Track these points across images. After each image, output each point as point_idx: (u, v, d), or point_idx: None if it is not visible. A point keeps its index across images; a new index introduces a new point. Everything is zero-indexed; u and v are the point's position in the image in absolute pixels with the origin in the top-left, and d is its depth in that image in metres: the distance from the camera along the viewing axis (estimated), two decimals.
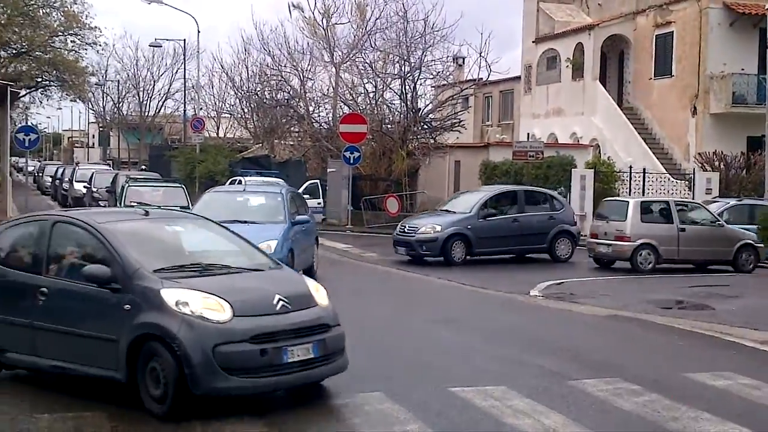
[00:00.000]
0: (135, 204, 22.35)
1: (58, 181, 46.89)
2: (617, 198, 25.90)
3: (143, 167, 42.94)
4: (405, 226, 22.90)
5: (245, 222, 15.91)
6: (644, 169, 30.98)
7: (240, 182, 31.54)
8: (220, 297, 8.11)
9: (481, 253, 22.61)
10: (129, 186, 23.90)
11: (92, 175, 36.80)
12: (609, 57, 39.78)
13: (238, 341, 7.94)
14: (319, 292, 8.97)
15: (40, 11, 54.82)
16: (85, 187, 36.37)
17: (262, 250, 9.89)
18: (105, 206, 30.79)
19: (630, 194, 30.45)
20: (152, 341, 7.98)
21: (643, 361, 11.24)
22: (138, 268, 8.30)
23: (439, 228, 21.77)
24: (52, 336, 8.73)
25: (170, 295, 8.07)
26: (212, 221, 10.43)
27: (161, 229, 9.66)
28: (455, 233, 21.99)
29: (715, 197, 27.82)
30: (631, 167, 31.15)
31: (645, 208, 22.24)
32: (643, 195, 29.91)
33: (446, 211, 23.70)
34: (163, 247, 9.26)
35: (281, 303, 8.40)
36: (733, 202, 25.67)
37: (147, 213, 9.82)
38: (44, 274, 8.97)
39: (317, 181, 34.95)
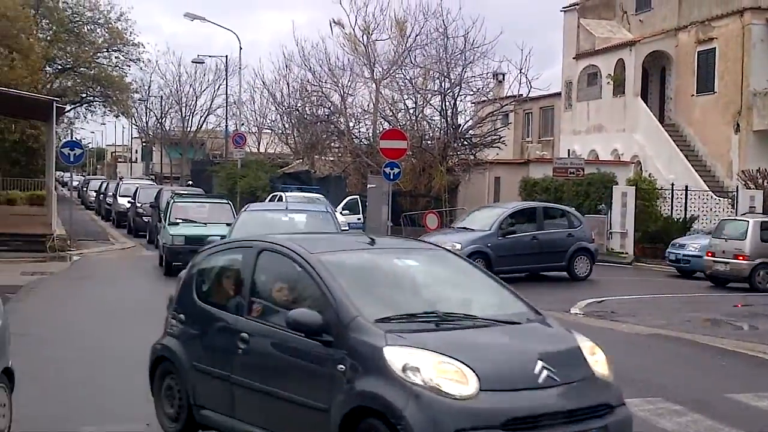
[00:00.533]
0: (180, 220, 21.93)
1: (102, 195, 47.45)
2: (736, 217, 25.34)
3: (189, 182, 43.09)
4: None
5: None
6: (686, 187, 30.74)
7: (281, 198, 31.82)
8: (462, 362, 6.07)
9: (501, 271, 22.34)
10: (174, 202, 23.15)
11: (137, 190, 36.20)
12: (650, 73, 39.57)
13: (485, 426, 5.87)
14: (595, 356, 6.76)
15: (85, 28, 55.84)
16: (129, 202, 35.99)
17: (517, 294, 7.61)
18: (149, 222, 30.66)
19: (672, 212, 30.24)
20: (371, 417, 6.04)
21: (684, 381, 11.18)
22: (356, 315, 6.40)
23: (459, 246, 20.47)
24: (250, 395, 7.07)
25: (396, 356, 6.09)
26: (453, 253, 8.68)
27: (389, 263, 7.61)
28: (476, 251, 21.05)
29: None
30: (673, 184, 30.93)
31: (765, 228, 22.03)
32: (686, 213, 29.71)
33: (464, 228, 23.14)
34: (391, 289, 7.22)
35: (545, 372, 6.24)
36: None
37: (373, 241, 8.06)
38: (245, 315, 7.27)
39: (357, 196, 35.07)
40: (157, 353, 8.18)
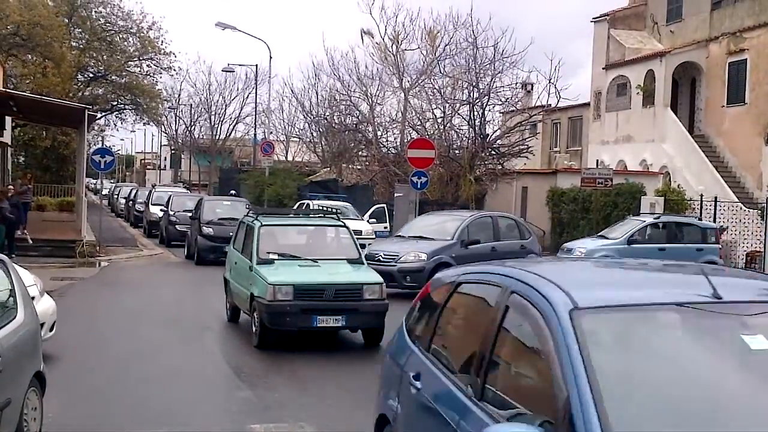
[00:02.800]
0: (276, 257, 13.89)
1: (131, 202, 46.34)
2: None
3: (232, 192, 39.87)
4: (378, 254, 19.82)
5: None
6: (715, 198, 30.51)
7: (308, 206, 31.93)
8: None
9: None
10: (262, 226, 14.35)
11: (170, 198, 33.95)
12: (680, 84, 39.36)
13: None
14: None
15: (117, 37, 56.33)
16: (162, 210, 34.13)
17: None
18: (187, 234, 28.36)
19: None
20: None
21: None
22: None
23: (424, 256, 19.24)
24: None
25: None
26: None
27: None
28: (442, 262, 18.66)
29: None
30: (702, 195, 30.71)
31: None
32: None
33: (420, 237, 20.96)
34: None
35: None
36: None
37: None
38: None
39: (384, 205, 35.12)
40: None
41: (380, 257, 19.42)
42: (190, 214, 28.33)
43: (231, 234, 24.61)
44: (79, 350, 12.58)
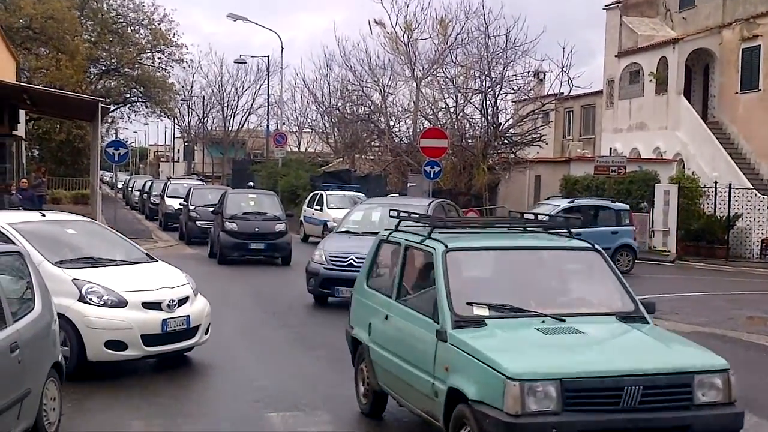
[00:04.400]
0: (488, 312, 7.33)
1: (146, 195, 45.47)
2: None
3: (250, 184, 36.96)
4: (348, 257, 15.88)
5: None
6: (730, 185, 30.42)
7: (321, 197, 31.96)
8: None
9: None
10: (450, 252, 7.66)
11: (190, 191, 31.49)
12: (693, 71, 39.20)
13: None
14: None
15: (129, 29, 56.46)
16: (180, 204, 31.82)
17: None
18: (209, 231, 25.65)
19: (715, 210, 29.91)
20: None
21: None
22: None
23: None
24: None
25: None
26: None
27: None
28: None
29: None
30: (716, 183, 30.63)
31: None
32: (729, 211, 29.41)
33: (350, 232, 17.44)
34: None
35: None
36: None
37: None
38: None
39: (397, 195, 35.14)
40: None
41: (353, 261, 15.38)
42: (212, 209, 25.98)
43: (257, 230, 23.16)
44: None
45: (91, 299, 10.07)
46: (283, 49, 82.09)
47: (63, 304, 9.59)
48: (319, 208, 31.51)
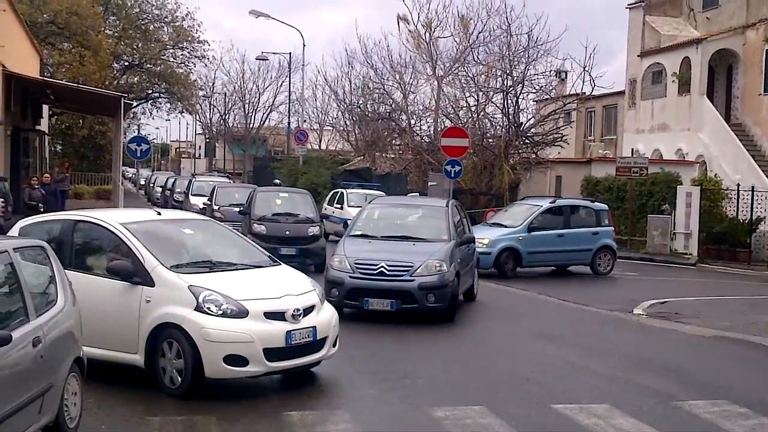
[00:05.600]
0: None
1: (168, 191, 44.63)
2: None
3: (276, 181, 35.41)
4: (379, 265, 14.94)
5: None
6: (753, 187, 30.16)
7: (342, 195, 31.96)
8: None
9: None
10: None
11: (214, 189, 29.60)
12: (717, 71, 38.93)
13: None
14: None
15: (152, 26, 56.68)
16: (204, 204, 29.98)
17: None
18: (240, 231, 24.03)
19: (737, 212, 29.68)
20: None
21: (750, 384, 11.02)
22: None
23: (445, 266, 14.59)
24: None
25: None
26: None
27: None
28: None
29: None
30: (738, 185, 30.39)
31: None
32: (752, 214, 29.19)
33: (403, 237, 16.20)
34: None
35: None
36: None
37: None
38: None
39: (417, 194, 35.12)
40: None
41: (384, 269, 14.47)
42: (238, 209, 23.97)
43: (287, 233, 21.56)
44: None
45: (209, 308, 9.15)
46: (305, 46, 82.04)
47: (178, 313, 9.13)
48: (339, 206, 31.54)
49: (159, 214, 10.85)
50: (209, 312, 9.13)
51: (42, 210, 24.40)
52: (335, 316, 10.24)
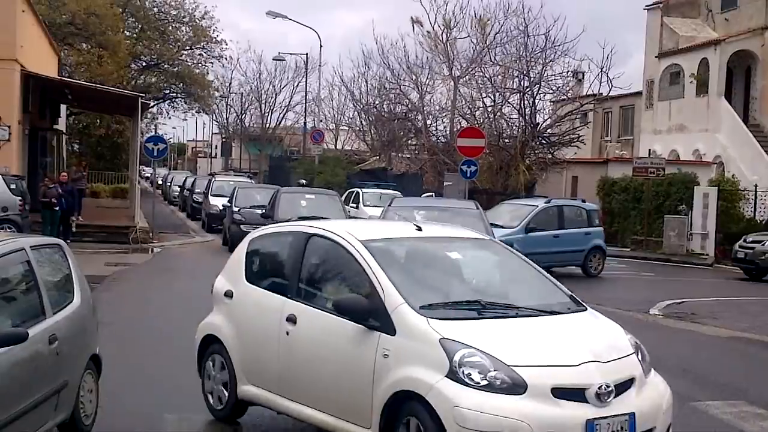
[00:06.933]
0: None
1: (187, 192, 43.36)
2: None
3: (302, 181, 33.91)
4: None
5: None
6: None
7: (358, 195, 31.98)
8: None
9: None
10: None
11: (235, 190, 28.14)
12: (735, 72, 38.75)
13: None
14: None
15: (170, 26, 56.86)
16: (224, 205, 28.96)
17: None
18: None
19: (755, 213, 29.52)
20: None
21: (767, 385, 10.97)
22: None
23: None
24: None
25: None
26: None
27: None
28: None
29: None
30: (756, 186, 30.26)
31: None
32: None
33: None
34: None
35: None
36: None
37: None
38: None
39: (433, 194, 35.11)
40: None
41: None
42: (260, 212, 22.80)
43: None
44: (134, 334, 12.77)
45: (467, 375, 6.02)
46: (321, 46, 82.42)
47: (422, 379, 6.14)
48: (355, 205, 31.58)
49: (419, 229, 7.74)
50: (468, 382, 6.01)
51: (57, 208, 24.62)
52: (668, 393, 6.75)
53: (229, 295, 8.41)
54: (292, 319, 7.30)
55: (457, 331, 6.27)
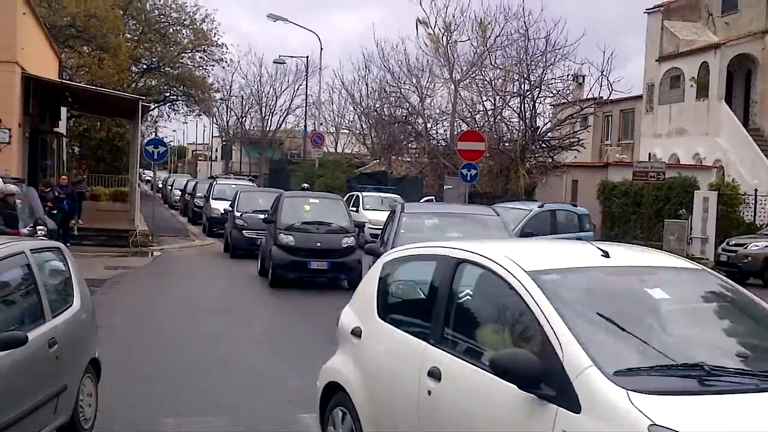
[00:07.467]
0: None
1: (188, 195, 42.59)
2: None
3: (305, 185, 33.25)
4: None
5: None
6: None
7: (357, 198, 31.98)
8: None
9: None
10: None
11: (237, 194, 27.41)
12: (735, 76, 38.77)
13: None
14: None
15: (171, 29, 56.92)
16: (225, 210, 28.44)
17: None
18: (258, 240, 22.40)
19: (755, 218, 29.53)
20: None
21: None
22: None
23: None
24: None
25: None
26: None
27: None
28: None
29: None
30: (756, 190, 30.26)
31: None
32: None
33: None
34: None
35: None
36: None
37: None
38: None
39: (433, 197, 35.12)
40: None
41: None
42: (262, 216, 22.30)
43: (318, 244, 18.89)
44: (133, 338, 12.78)
45: None
46: (322, 49, 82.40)
47: None
48: (355, 209, 31.55)
49: (605, 255, 5.52)
50: None
51: (55, 212, 24.53)
52: None
53: (357, 333, 6.66)
54: (435, 375, 5.47)
55: (672, 412, 4.14)
